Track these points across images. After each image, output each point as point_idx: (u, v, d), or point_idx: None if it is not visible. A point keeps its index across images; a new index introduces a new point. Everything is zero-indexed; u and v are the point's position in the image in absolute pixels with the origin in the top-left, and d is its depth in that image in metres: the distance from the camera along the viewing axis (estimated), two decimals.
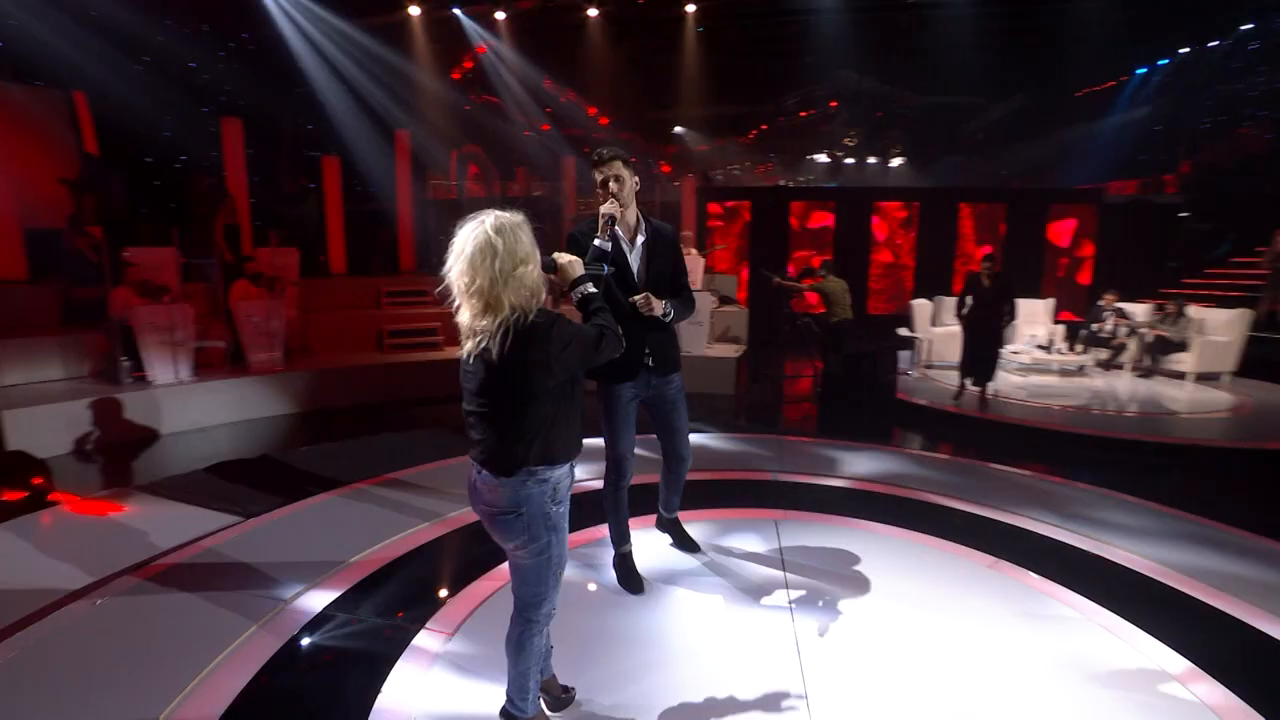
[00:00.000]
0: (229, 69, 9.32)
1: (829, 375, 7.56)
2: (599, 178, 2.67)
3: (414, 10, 10.24)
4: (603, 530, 3.20)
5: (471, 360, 1.75)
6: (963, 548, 3.44)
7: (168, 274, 6.81)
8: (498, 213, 1.75)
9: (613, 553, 3.08)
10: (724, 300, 9.49)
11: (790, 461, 4.81)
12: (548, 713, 2.17)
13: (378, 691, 2.30)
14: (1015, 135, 15.01)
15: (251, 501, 4.02)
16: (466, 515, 3.79)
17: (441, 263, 1.75)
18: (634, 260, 2.78)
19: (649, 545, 3.36)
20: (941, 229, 11.20)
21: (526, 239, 1.74)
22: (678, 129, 17.11)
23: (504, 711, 2.01)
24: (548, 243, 1.79)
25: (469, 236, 1.70)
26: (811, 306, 8.54)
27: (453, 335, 6.45)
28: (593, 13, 10.82)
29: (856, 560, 3.28)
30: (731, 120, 15.31)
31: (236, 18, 9.21)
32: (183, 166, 9.49)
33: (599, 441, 2.88)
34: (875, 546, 3.43)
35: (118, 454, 5.31)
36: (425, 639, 2.63)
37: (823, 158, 16.74)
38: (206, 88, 9.26)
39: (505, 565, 2.14)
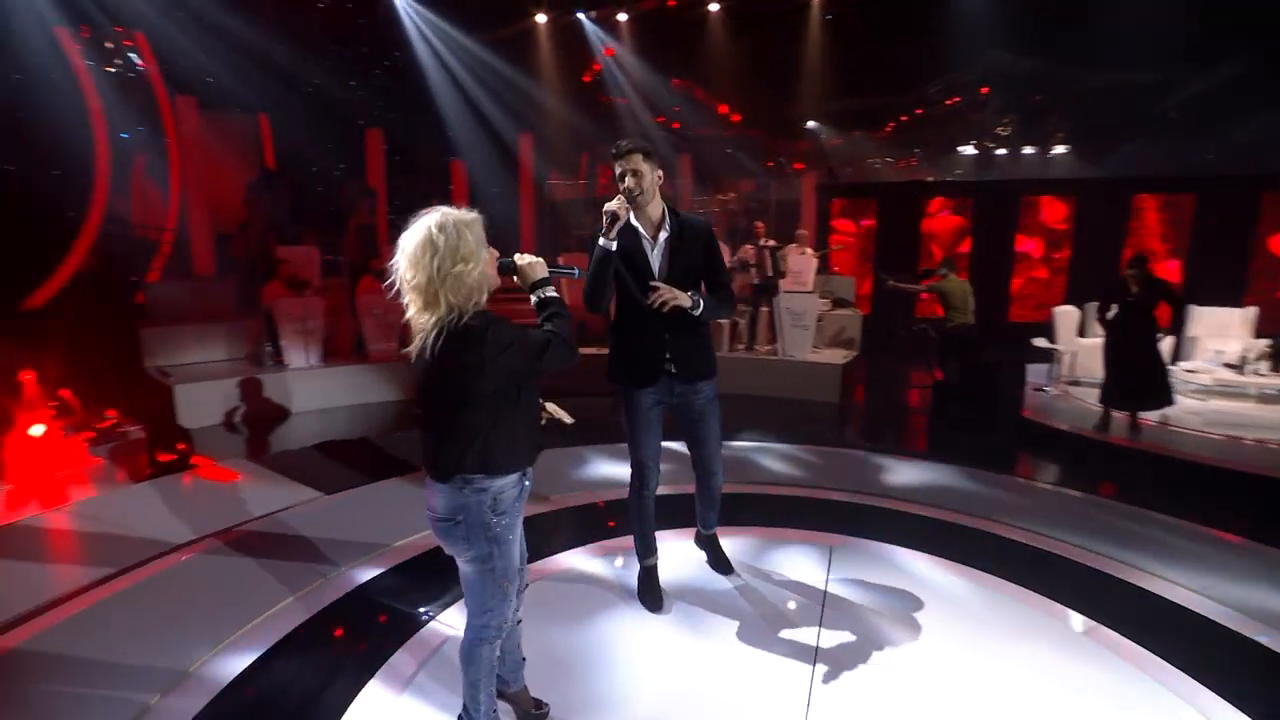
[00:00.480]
0: (378, 86, 10.29)
1: (944, 387, 6.83)
2: (617, 171, 2.52)
3: (540, 18, 10.66)
4: (628, 541, 3.07)
5: (414, 359, 1.70)
6: (1059, 607, 2.87)
7: (310, 270, 7.67)
8: (446, 209, 1.69)
9: (638, 566, 2.94)
10: (838, 303, 8.90)
11: (872, 481, 4.35)
12: None
13: (367, 679, 2.36)
14: (1224, 112, 12.57)
15: (336, 479, 4.36)
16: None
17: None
18: (655, 257, 2.60)
19: (682, 561, 3.17)
20: (1108, 225, 9.68)
21: (472, 237, 1.66)
22: (810, 124, 16.38)
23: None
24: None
25: (413, 232, 1.65)
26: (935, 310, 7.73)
27: None
28: (714, 7, 10.61)
29: (915, 606, 2.85)
30: (866, 113, 14.33)
31: (386, 40, 10.14)
32: (340, 174, 10.62)
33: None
34: (945, 592, 2.97)
35: (254, 428, 6.03)
36: (436, 627, 2.67)
37: (970, 149, 15.20)
38: (360, 103, 10.28)
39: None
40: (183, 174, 8.89)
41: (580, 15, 10.90)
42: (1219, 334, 7.26)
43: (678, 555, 3.20)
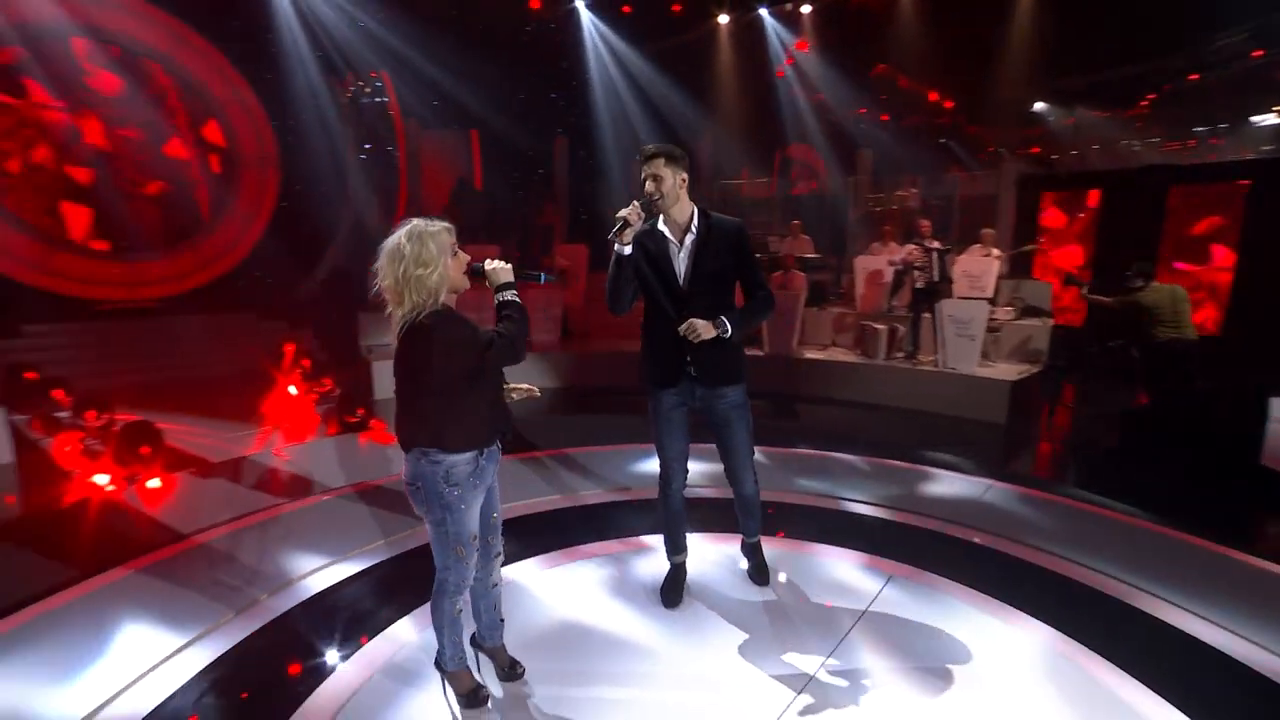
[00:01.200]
0: (568, 98, 11.25)
1: (1146, 417, 5.65)
2: (642, 176, 2.59)
3: (723, 19, 10.76)
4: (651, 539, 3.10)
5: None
6: (1135, 688, 2.31)
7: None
8: (418, 221, 1.95)
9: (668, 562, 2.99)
10: (1028, 311, 7.75)
11: (998, 519, 3.79)
12: (499, 682, 2.32)
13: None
14: None
15: None
16: (594, 495, 4.09)
17: None
18: (680, 261, 2.62)
19: (720, 564, 3.14)
20: None
21: (434, 246, 1.90)
22: (1038, 106, 14.32)
23: (436, 657, 2.25)
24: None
25: (389, 240, 1.94)
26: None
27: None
28: None
29: (957, 659, 2.50)
30: (1109, 87, 12.11)
31: (575, 53, 11.05)
32: (540, 179, 11.83)
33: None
34: (1005, 653, 2.56)
35: None
36: None
37: (1272, 118, 12.01)
38: (552, 115, 11.34)
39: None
40: (410, 184, 10.61)
41: (762, 11, 10.80)
42: None
43: (723, 559, 3.18)
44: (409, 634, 2.64)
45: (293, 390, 6.92)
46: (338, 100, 9.80)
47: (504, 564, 2.40)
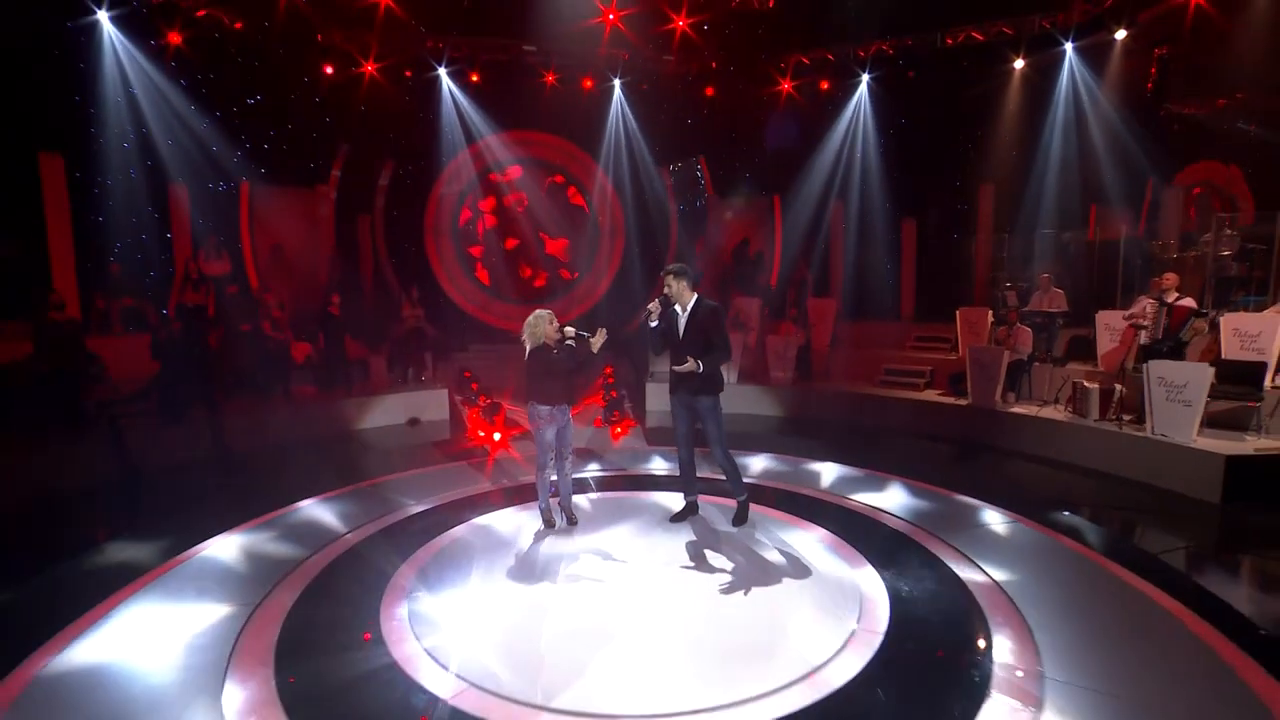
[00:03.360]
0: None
1: None
2: (663, 283, 4.84)
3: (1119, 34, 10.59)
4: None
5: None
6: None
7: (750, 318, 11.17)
8: (540, 310, 4.69)
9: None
10: None
11: (935, 517, 4.65)
12: (563, 521, 4.90)
13: None
14: None
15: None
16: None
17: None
18: (681, 323, 4.78)
19: (724, 512, 5.08)
20: None
21: (535, 322, 4.56)
22: None
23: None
24: None
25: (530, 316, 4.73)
26: None
27: (938, 381, 8.31)
28: None
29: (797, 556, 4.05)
30: None
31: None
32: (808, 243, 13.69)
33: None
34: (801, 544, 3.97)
35: None
36: None
37: None
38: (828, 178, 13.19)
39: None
40: (707, 244, 13.70)
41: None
42: None
43: (728, 510, 5.09)
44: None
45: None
46: (663, 181, 13.61)
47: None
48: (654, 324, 4.80)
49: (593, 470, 6.55)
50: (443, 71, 11.96)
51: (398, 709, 2.83)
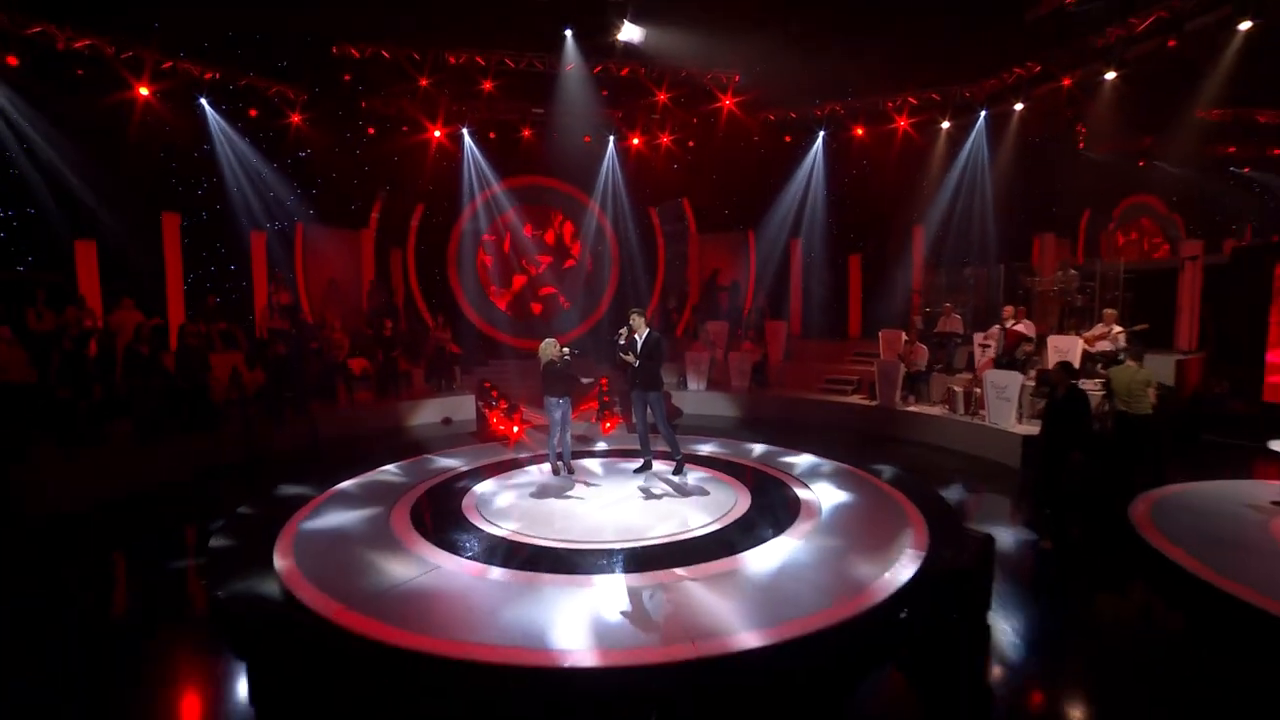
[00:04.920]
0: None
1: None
2: (630, 319, 7.95)
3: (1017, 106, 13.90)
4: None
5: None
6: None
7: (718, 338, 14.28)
8: (549, 339, 7.82)
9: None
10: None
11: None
12: (565, 470, 7.97)
13: None
14: None
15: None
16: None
17: None
18: (639, 345, 7.85)
19: (668, 468, 8.14)
20: None
21: (547, 346, 7.69)
22: None
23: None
24: None
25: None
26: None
27: (863, 388, 11.40)
28: None
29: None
30: None
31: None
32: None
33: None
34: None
35: None
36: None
37: None
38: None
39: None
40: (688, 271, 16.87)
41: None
42: None
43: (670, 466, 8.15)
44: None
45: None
46: (647, 219, 16.82)
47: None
48: (622, 343, 7.93)
49: (589, 447, 9.65)
50: (465, 131, 15.23)
51: (479, 539, 5.91)
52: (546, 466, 8.15)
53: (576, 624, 4.29)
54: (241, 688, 3.84)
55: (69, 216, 11.25)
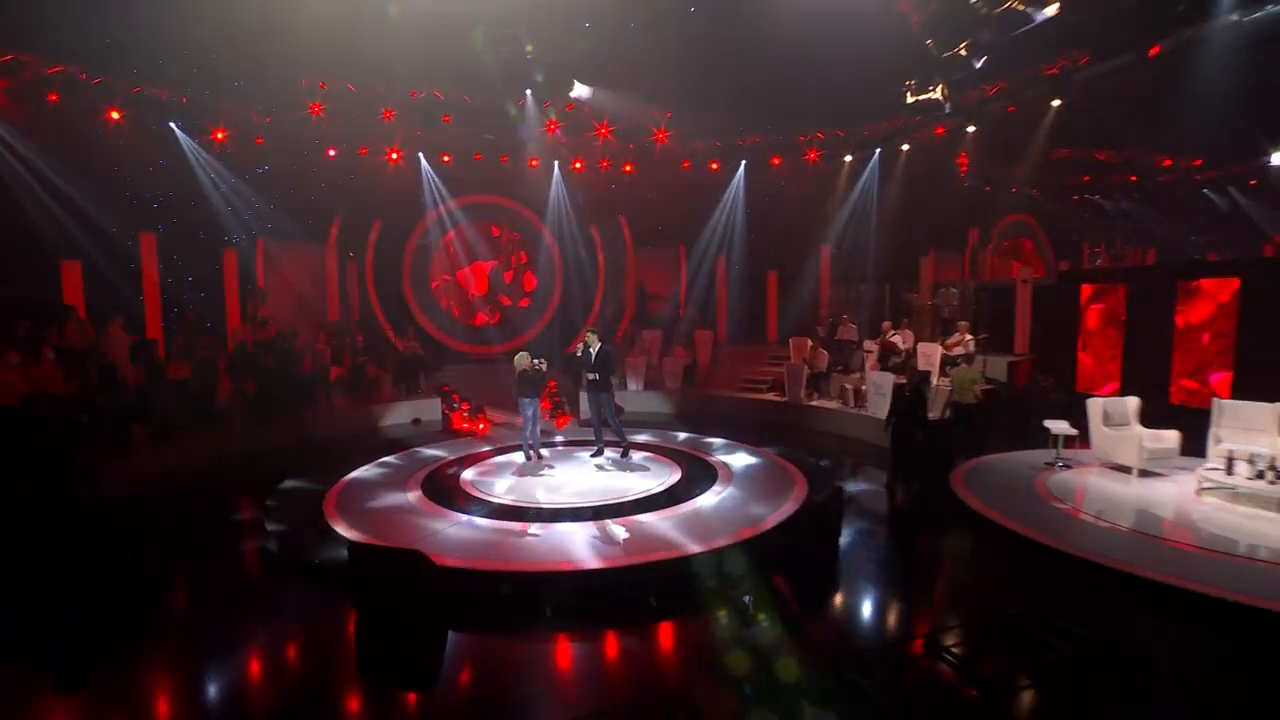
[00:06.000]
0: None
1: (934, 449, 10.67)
2: (584, 336, 10.28)
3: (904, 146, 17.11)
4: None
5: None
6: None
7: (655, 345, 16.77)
8: (521, 352, 10.08)
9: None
10: None
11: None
12: (535, 456, 10.24)
13: None
14: None
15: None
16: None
17: None
18: (591, 357, 10.18)
19: (615, 453, 10.53)
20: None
21: (519, 359, 9.94)
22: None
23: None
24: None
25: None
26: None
27: (776, 386, 13.97)
28: None
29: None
30: None
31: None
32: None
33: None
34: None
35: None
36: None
37: None
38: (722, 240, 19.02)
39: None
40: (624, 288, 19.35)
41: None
42: (1245, 431, 8.65)
43: (617, 453, 10.53)
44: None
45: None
46: (588, 236, 19.21)
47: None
48: (579, 355, 10.26)
49: (550, 438, 11.93)
50: (420, 155, 17.20)
51: (479, 503, 8.14)
52: (520, 455, 10.40)
53: (581, 548, 6.61)
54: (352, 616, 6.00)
55: (56, 237, 12.68)
